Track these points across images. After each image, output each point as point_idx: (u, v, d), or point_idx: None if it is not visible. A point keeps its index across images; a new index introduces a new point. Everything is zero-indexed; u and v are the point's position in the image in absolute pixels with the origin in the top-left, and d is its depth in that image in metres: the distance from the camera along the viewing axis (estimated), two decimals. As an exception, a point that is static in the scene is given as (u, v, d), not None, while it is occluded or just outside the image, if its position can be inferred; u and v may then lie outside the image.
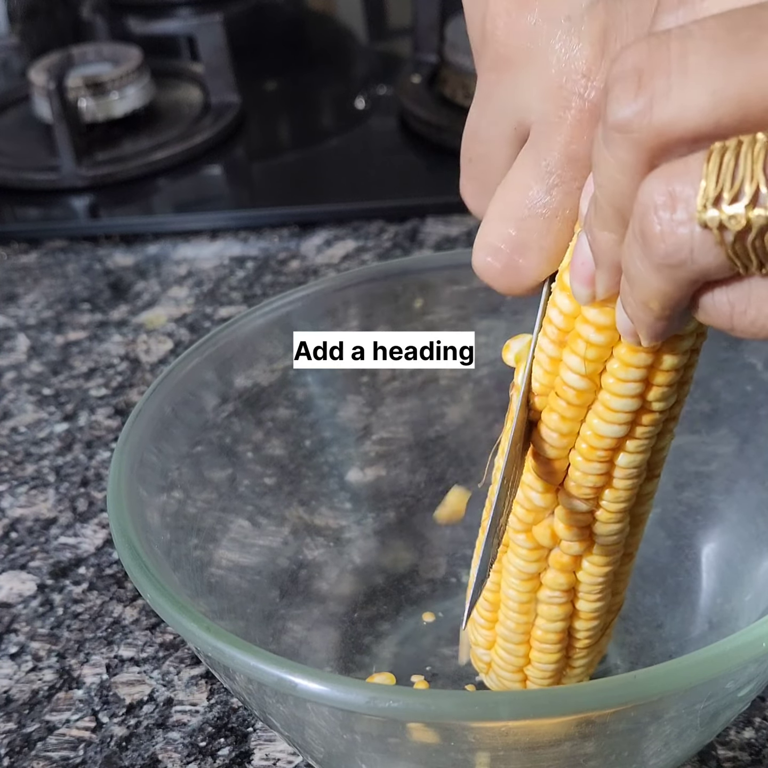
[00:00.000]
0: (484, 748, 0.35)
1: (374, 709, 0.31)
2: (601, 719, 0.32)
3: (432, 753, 0.35)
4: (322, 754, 0.39)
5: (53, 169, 0.85)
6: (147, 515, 0.40)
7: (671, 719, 0.35)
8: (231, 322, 0.48)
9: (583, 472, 0.34)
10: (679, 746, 0.37)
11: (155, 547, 0.39)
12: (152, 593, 0.36)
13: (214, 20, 0.90)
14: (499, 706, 0.31)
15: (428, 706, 0.31)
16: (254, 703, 0.38)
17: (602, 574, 0.38)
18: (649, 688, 0.31)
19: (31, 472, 0.61)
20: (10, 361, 0.70)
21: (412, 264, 0.52)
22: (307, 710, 0.35)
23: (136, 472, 0.41)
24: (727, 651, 0.31)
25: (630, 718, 0.33)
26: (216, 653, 0.34)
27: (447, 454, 0.52)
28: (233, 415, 0.48)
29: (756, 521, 0.45)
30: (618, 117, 0.24)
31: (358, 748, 0.37)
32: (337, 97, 1.00)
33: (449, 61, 0.88)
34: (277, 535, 0.49)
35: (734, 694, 0.35)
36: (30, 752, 0.46)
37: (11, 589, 0.54)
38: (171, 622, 0.35)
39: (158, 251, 0.80)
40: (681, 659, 0.31)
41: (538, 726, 0.33)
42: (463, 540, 0.52)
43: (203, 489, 0.46)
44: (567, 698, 0.31)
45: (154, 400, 0.44)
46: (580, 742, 0.34)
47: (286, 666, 0.32)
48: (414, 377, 0.52)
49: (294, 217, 0.81)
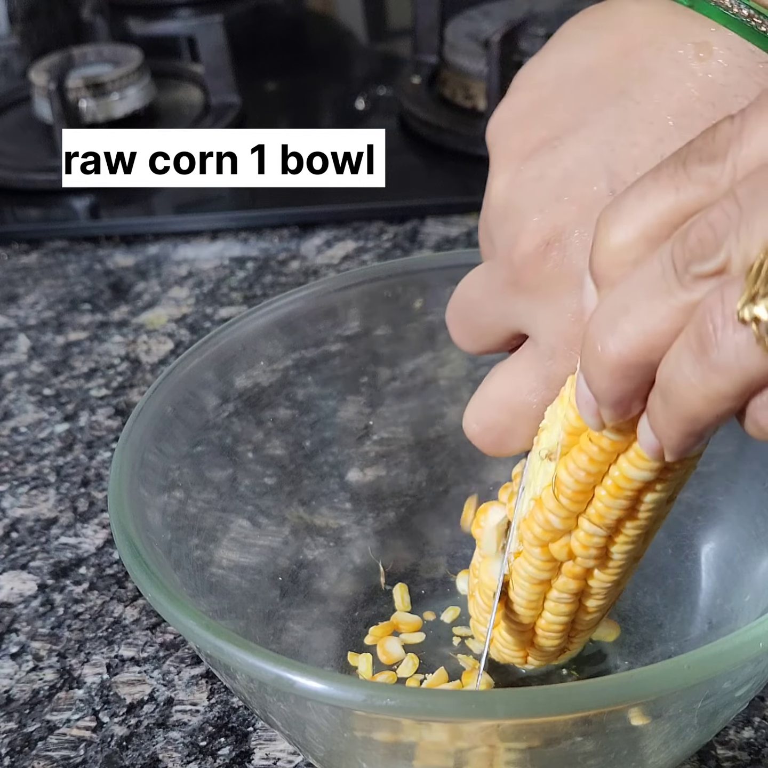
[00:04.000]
0: (484, 747, 0.35)
1: (371, 707, 0.31)
2: (598, 718, 0.33)
3: (433, 753, 0.35)
4: (323, 752, 0.39)
5: (54, 170, 0.85)
6: (148, 515, 0.40)
7: (670, 718, 0.35)
8: (231, 322, 0.48)
9: (607, 506, 0.35)
10: (678, 745, 0.37)
11: (156, 546, 0.39)
12: (153, 592, 0.36)
13: (214, 21, 0.90)
14: (497, 705, 0.31)
15: (424, 704, 0.31)
16: (255, 702, 0.38)
17: (612, 580, 0.38)
18: (645, 687, 0.31)
19: (31, 473, 0.61)
20: (10, 362, 0.70)
21: (412, 264, 0.52)
22: (308, 709, 0.35)
23: (137, 472, 0.41)
24: (725, 651, 0.31)
25: (627, 717, 0.33)
26: (215, 651, 0.34)
27: (447, 454, 0.52)
28: (234, 415, 0.48)
29: (755, 521, 0.45)
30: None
31: (359, 746, 0.37)
32: (337, 98, 1.00)
33: (449, 61, 0.88)
34: (278, 535, 0.49)
35: (732, 694, 0.35)
36: (31, 752, 0.46)
37: (12, 589, 0.54)
38: (171, 621, 0.35)
39: (159, 252, 0.80)
40: (678, 659, 0.31)
41: (535, 725, 0.33)
42: (463, 540, 0.52)
43: (204, 489, 0.46)
44: (565, 697, 0.31)
45: (155, 399, 0.44)
46: (579, 741, 0.34)
47: (284, 664, 0.32)
48: (414, 377, 0.52)
49: (294, 218, 0.81)
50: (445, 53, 0.89)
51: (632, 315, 0.28)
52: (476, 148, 0.83)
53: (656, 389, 0.29)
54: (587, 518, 0.35)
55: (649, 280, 0.28)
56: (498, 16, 0.89)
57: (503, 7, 0.91)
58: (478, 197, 0.39)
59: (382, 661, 0.47)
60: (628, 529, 0.35)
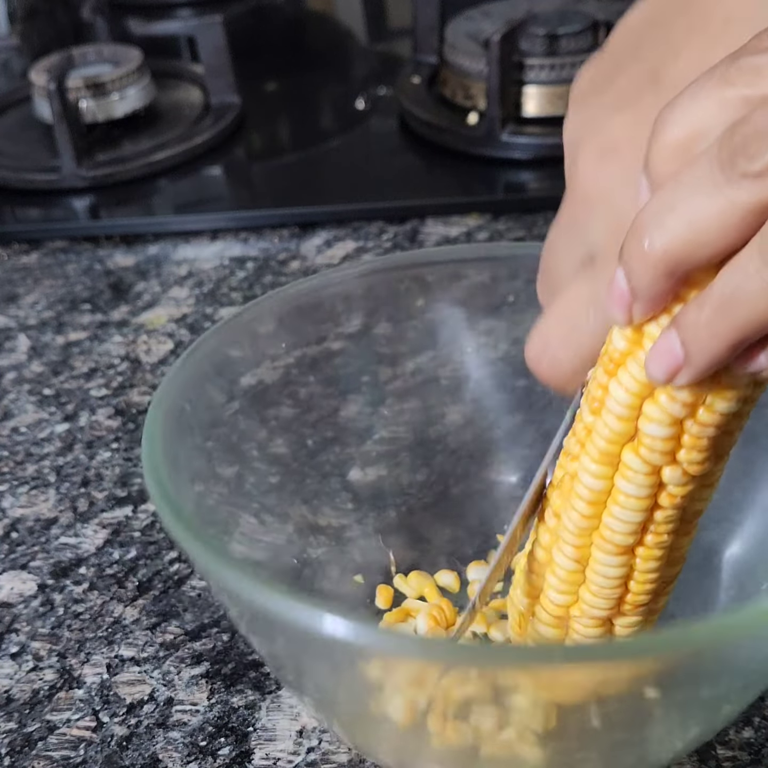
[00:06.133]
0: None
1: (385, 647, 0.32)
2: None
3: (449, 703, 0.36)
4: (349, 717, 0.39)
5: (54, 170, 0.85)
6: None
7: (675, 701, 0.35)
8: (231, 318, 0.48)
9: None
10: (680, 737, 0.37)
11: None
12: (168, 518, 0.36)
13: (214, 21, 0.90)
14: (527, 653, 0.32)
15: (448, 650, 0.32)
16: (292, 664, 0.38)
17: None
18: (654, 648, 0.31)
19: (31, 473, 0.61)
20: (10, 362, 0.70)
21: (414, 259, 0.52)
22: (345, 664, 0.35)
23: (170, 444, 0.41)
24: (736, 619, 0.31)
25: (635, 689, 0.33)
26: (257, 598, 0.33)
27: (448, 454, 0.52)
28: (239, 413, 0.48)
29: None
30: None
31: (383, 703, 0.37)
32: (337, 98, 1.00)
33: (449, 61, 0.88)
34: (282, 533, 0.49)
35: (736, 682, 0.35)
36: (31, 752, 0.46)
37: (12, 589, 0.54)
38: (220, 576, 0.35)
39: (159, 252, 0.80)
40: (688, 624, 0.31)
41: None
42: (463, 540, 0.52)
43: (217, 483, 0.46)
44: (565, 653, 0.32)
45: (170, 394, 0.44)
46: (588, 713, 0.34)
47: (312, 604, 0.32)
48: (415, 377, 0.52)
49: (294, 218, 0.81)
50: (445, 53, 0.89)
51: (679, 211, 0.29)
52: (476, 148, 0.83)
53: (704, 301, 0.29)
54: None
55: (697, 177, 0.28)
56: (498, 16, 0.89)
57: (503, 7, 0.91)
58: (478, 197, 0.40)
59: None
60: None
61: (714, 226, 0.28)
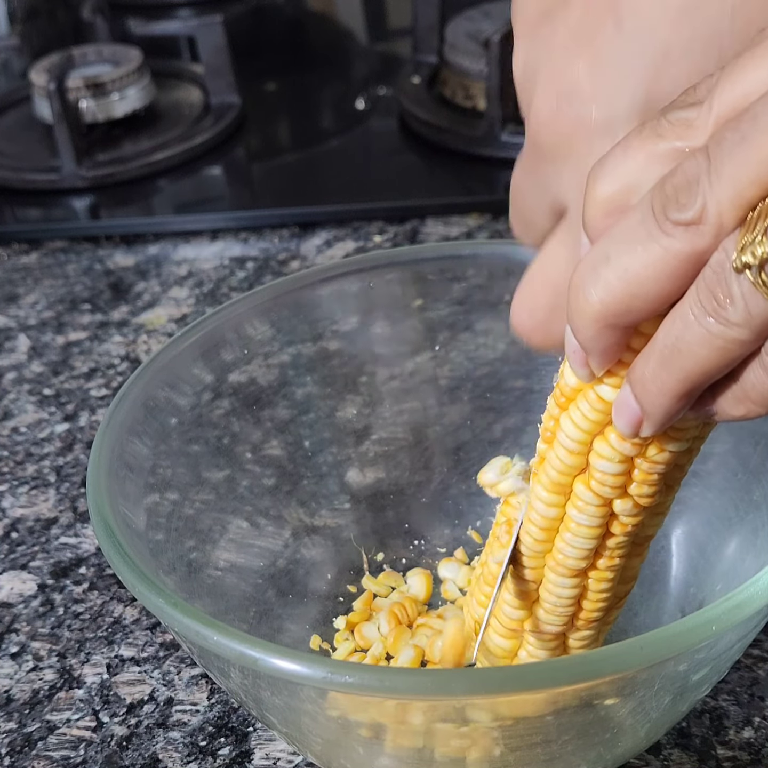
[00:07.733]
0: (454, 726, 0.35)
1: (330, 683, 0.32)
2: (554, 698, 0.33)
3: (405, 733, 0.36)
4: (320, 745, 0.39)
5: (54, 170, 0.85)
6: (132, 514, 0.40)
7: (630, 699, 0.35)
8: (219, 309, 0.48)
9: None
10: (643, 728, 0.38)
11: (141, 546, 0.39)
12: (127, 575, 0.36)
13: (214, 21, 0.90)
14: (452, 683, 0.32)
15: (382, 682, 0.31)
16: (251, 701, 0.38)
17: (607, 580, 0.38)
18: (600, 668, 0.31)
19: (31, 473, 0.61)
20: (10, 362, 0.70)
21: (411, 255, 0.52)
22: (302, 699, 0.35)
23: (115, 464, 0.41)
24: (678, 633, 0.32)
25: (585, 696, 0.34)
26: (183, 629, 0.34)
27: (446, 454, 0.52)
28: (231, 414, 0.48)
29: (728, 512, 0.45)
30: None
31: (345, 732, 0.37)
32: (337, 98, 1.00)
33: (449, 61, 0.88)
34: (277, 536, 0.49)
35: (690, 678, 0.36)
36: (31, 752, 0.46)
37: (12, 589, 0.54)
38: (147, 604, 0.35)
39: (159, 252, 0.80)
40: (632, 640, 0.32)
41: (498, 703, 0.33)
42: (462, 540, 0.52)
43: (200, 490, 0.46)
44: (519, 677, 0.32)
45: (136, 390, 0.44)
46: (547, 721, 0.35)
47: (248, 641, 0.33)
48: (413, 377, 0.52)
49: (294, 218, 0.81)
50: (445, 53, 0.89)
51: (614, 263, 0.28)
52: (476, 148, 0.83)
53: (649, 355, 0.29)
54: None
55: (630, 228, 0.28)
56: (498, 16, 0.89)
57: (503, 7, 0.91)
58: (478, 197, 0.40)
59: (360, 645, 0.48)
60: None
61: (650, 275, 0.28)
